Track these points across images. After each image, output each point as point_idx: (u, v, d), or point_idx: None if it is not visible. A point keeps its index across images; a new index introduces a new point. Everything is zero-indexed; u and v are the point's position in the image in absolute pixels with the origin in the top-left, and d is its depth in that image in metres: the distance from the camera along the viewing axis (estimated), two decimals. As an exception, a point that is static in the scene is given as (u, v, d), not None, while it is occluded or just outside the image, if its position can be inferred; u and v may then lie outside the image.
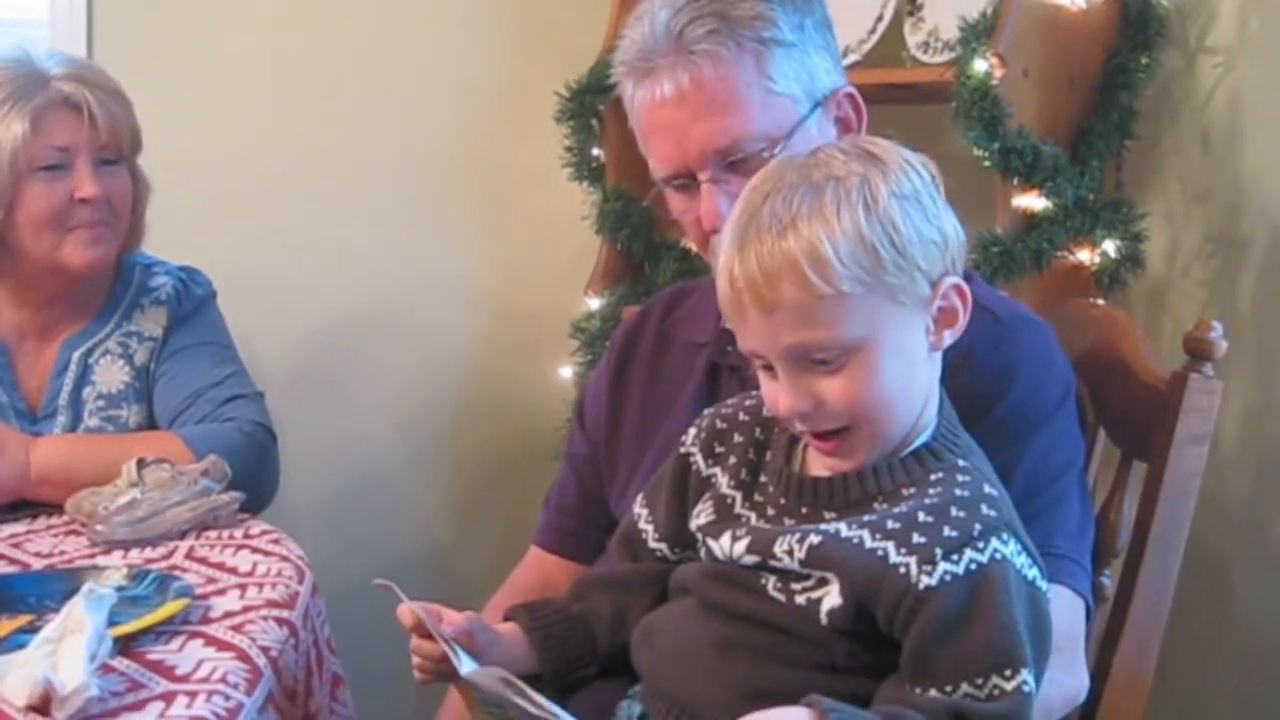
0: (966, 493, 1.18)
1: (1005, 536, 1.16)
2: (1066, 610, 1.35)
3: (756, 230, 1.17)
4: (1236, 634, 2.23)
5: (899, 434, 1.22)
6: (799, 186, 1.17)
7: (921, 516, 1.16)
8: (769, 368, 1.21)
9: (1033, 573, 1.17)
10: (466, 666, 1.15)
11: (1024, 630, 1.13)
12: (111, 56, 2.59)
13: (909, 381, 1.20)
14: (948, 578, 1.12)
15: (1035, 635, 1.15)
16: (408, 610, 1.25)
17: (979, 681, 1.11)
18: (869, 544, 1.16)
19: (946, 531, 1.14)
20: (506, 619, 1.37)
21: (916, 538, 1.14)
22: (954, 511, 1.16)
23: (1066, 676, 1.36)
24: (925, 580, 1.12)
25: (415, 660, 1.28)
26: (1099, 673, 1.48)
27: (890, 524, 1.17)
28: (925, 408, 1.24)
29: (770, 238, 1.15)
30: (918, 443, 1.23)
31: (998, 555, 1.14)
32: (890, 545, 1.15)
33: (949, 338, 1.22)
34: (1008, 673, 1.12)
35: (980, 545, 1.14)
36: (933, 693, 1.12)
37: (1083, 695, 1.40)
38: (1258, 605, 2.21)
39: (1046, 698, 1.31)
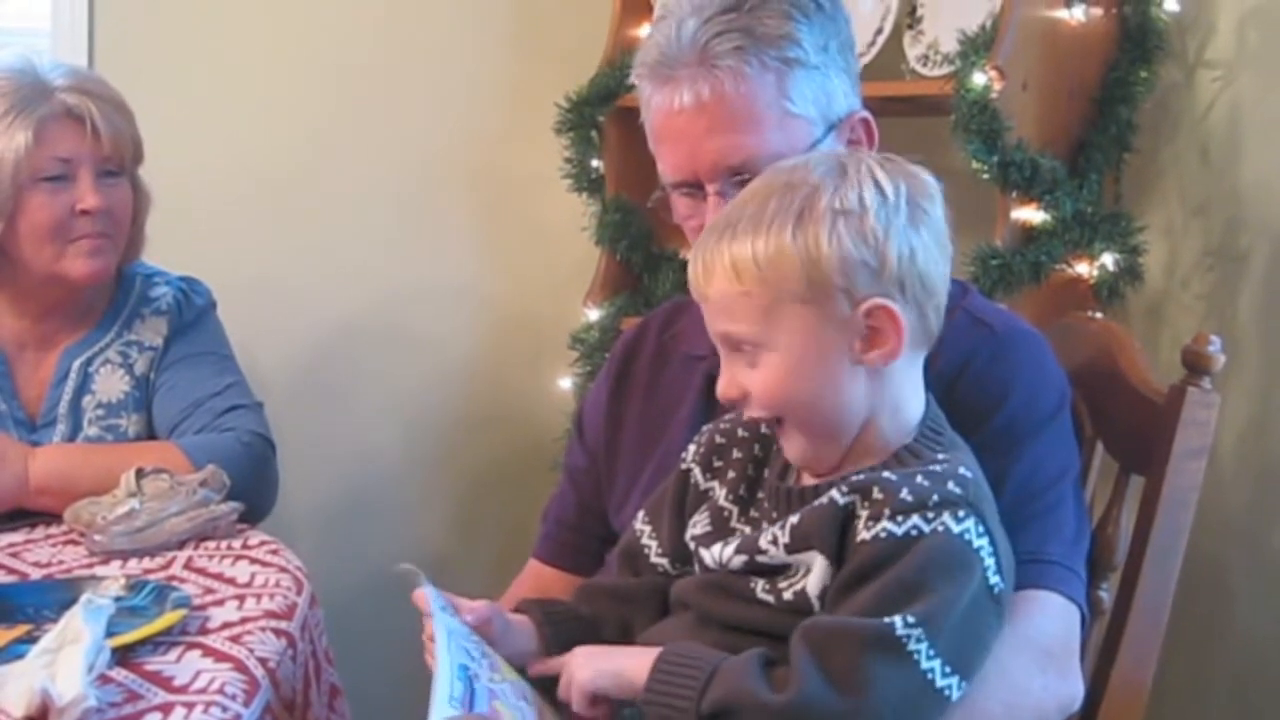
0: (939, 469, 1.20)
1: (962, 515, 1.17)
2: (1060, 617, 1.35)
3: (710, 230, 1.26)
4: (1234, 646, 2.23)
5: (832, 436, 1.25)
6: (760, 192, 1.24)
7: (887, 474, 1.19)
8: None
9: (990, 561, 1.19)
10: (438, 715, 1.12)
11: (939, 598, 1.13)
12: (113, 66, 2.59)
13: (824, 389, 1.23)
14: (882, 535, 1.15)
15: (965, 618, 1.16)
16: (424, 596, 1.26)
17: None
18: (841, 500, 1.19)
19: (903, 494, 1.17)
20: (518, 610, 1.38)
21: (876, 493, 1.17)
22: (919, 479, 1.18)
23: (1060, 683, 1.35)
24: (863, 534, 1.16)
25: (426, 641, 1.28)
26: (1097, 684, 1.48)
27: (856, 478, 1.20)
28: (882, 418, 1.25)
29: (715, 238, 1.24)
30: (898, 446, 1.26)
31: (941, 528, 1.16)
32: (856, 498, 1.18)
33: (879, 359, 1.23)
34: (884, 618, 1.12)
35: (930, 515, 1.16)
36: None
37: (1078, 703, 1.40)
38: (1255, 618, 2.21)
39: (1040, 703, 1.32)
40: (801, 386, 1.23)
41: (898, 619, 1.12)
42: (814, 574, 1.19)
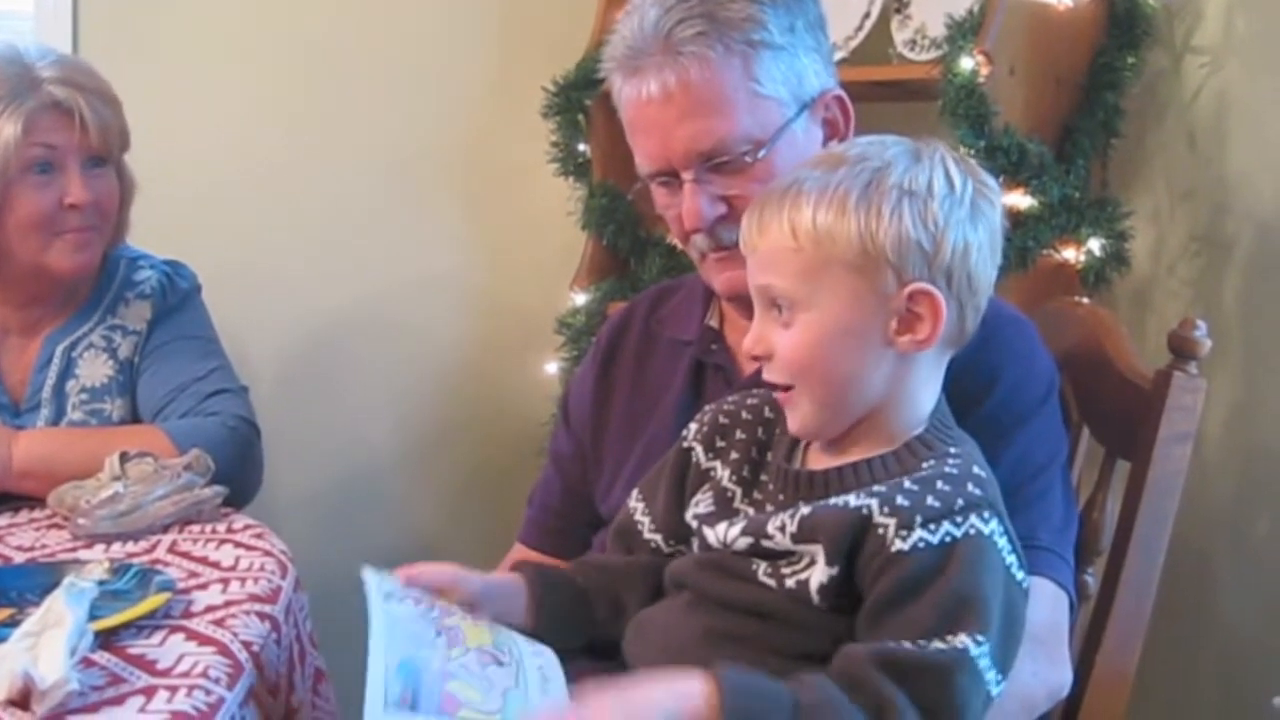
0: (955, 470, 1.20)
1: (987, 515, 1.18)
2: (1049, 603, 1.36)
3: (774, 187, 1.27)
4: (1218, 632, 2.24)
5: (840, 412, 1.25)
6: (831, 159, 1.25)
7: (908, 484, 1.19)
8: None
9: (1011, 558, 1.19)
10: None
11: (990, 606, 1.14)
12: (97, 50, 2.58)
13: (849, 362, 1.23)
14: (920, 545, 1.15)
15: (1005, 617, 1.16)
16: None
17: (921, 642, 1.12)
18: (854, 504, 1.18)
19: (929, 501, 1.17)
20: (514, 569, 1.38)
21: (900, 500, 1.17)
22: (940, 485, 1.18)
23: (1050, 669, 1.36)
24: (899, 544, 1.15)
25: None
26: (1082, 670, 1.48)
27: (876, 487, 1.20)
28: (894, 406, 1.25)
29: (778, 195, 1.25)
30: (909, 435, 1.25)
31: (972, 531, 1.16)
32: (874, 503, 1.17)
33: (910, 346, 1.23)
34: (949, 637, 1.12)
35: (959, 520, 1.16)
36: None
37: (1066, 689, 1.40)
38: (1240, 603, 2.22)
39: (1030, 691, 1.32)
40: (829, 354, 1.23)
41: (969, 642, 1.12)
42: (817, 569, 1.19)
